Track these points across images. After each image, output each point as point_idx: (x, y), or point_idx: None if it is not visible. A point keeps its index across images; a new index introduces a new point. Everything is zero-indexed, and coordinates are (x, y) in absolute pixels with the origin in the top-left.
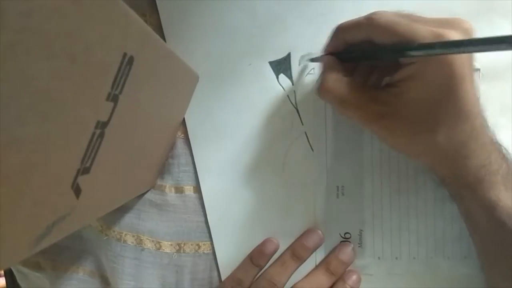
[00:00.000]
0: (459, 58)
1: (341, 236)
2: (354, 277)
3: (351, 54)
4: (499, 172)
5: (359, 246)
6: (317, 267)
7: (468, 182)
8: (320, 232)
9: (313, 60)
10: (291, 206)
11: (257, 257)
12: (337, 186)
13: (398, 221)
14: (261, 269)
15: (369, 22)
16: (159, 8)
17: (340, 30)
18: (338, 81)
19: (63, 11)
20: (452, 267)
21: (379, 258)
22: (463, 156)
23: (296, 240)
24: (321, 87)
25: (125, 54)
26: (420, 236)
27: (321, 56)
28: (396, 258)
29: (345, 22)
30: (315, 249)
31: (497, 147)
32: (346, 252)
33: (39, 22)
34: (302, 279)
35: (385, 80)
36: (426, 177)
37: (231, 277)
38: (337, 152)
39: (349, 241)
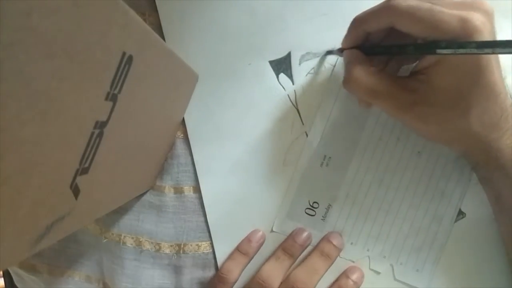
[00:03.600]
0: (485, 35)
1: (309, 204)
2: (357, 273)
3: (375, 50)
4: None
5: (321, 219)
6: (310, 253)
7: (502, 163)
8: (308, 232)
9: (330, 52)
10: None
11: (244, 246)
12: (325, 155)
13: (367, 210)
14: (249, 259)
15: (389, 9)
16: (158, 7)
17: (359, 21)
18: (366, 72)
19: (62, 11)
20: (400, 274)
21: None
22: (496, 138)
23: (285, 239)
24: (348, 80)
25: (124, 53)
26: (382, 232)
27: (344, 50)
28: (352, 243)
29: (362, 13)
30: (304, 246)
31: None
32: (337, 238)
33: (39, 22)
34: (298, 266)
35: (409, 67)
36: (415, 186)
37: (219, 269)
38: (337, 123)
39: (313, 211)
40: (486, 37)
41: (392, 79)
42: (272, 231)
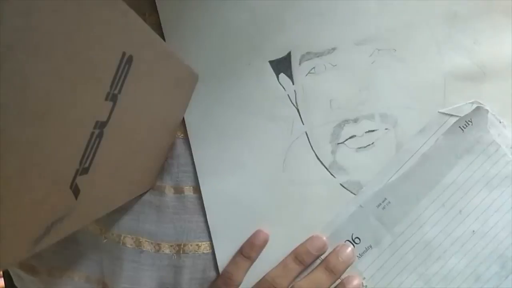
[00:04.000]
0: None
1: (351, 237)
2: (355, 282)
3: None
4: None
5: (358, 256)
6: (316, 266)
7: None
8: (325, 238)
9: None
10: (291, 206)
11: (247, 249)
12: (385, 198)
13: (404, 266)
14: (252, 262)
15: None
16: (158, 7)
17: None
18: None
19: (62, 11)
20: None
21: (364, 278)
22: None
23: (300, 245)
24: None
25: (124, 54)
26: None
27: None
28: None
29: None
30: (318, 255)
31: None
32: (346, 252)
33: (39, 22)
34: (302, 278)
35: None
36: (459, 262)
37: (221, 273)
38: (410, 174)
39: (353, 245)
40: None
41: None
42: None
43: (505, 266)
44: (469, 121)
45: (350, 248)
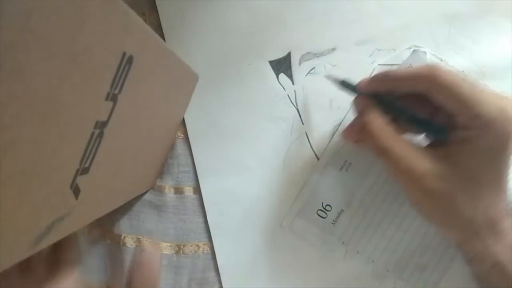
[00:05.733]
0: None
1: (322, 206)
2: None
3: (391, 108)
4: None
5: (332, 223)
6: None
7: (499, 260)
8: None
9: (329, 78)
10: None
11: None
12: (346, 160)
13: (378, 221)
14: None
15: (430, 77)
16: (158, 7)
17: (391, 77)
18: (383, 128)
19: (62, 11)
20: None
21: (343, 243)
22: (495, 233)
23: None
24: (367, 129)
25: (124, 54)
26: (390, 245)
27: (359, 95)
28: (358, 252)
29: (399, 70)
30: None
31: None
32: None
33: (39, 22)
34: None
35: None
36: None
37: None
38: None
39: (325, 213)
40: None
41: (407, 143)
42: (281, 226)
43: None
44: (409, 66)
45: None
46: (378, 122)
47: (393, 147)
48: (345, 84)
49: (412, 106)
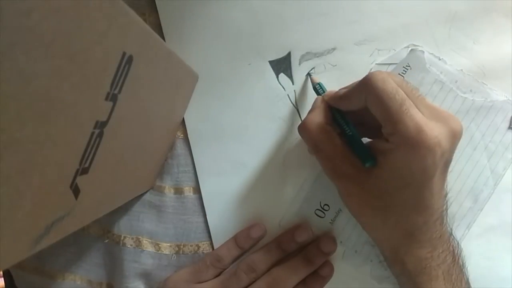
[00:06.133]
0: (431, 159)
1: (320, 205)
2: (327, 268)
3: (337, 118)
4: (440, 267)
5: (329, 222)
6: (296, 255)
7: (408, 270)
8: (311, 229)
9: (309, 74)
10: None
11: (242, 239)
12: None
13: None
14: (244, 252)
15: (367, 85)
16: (158, 8)
17: (343, 96)
18: (319, 127)
19: (62, 11)
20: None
21: (341, 242)
22: (407, 245)
23: (285, 232)
24: (301, 125)
25: (124, 54)
26: None
27: (317, 96)
28: (356, 251)
29: (349, 87)
30: (302, 244)
31: (446, 241)
32: (327, 243)
33: (39, 22)
34: (281, 265)
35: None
36: None
37: (212, 253)
38: None
39: (323, 213)
40: (435, 156)
41: (340, 145)
42: (279, 225)
43: (478, 199)
44: (407, 66)
45: (332, 240)
46: (316, 120)
47: (325, 146)
48: (316, 88)
49: (367, 121)
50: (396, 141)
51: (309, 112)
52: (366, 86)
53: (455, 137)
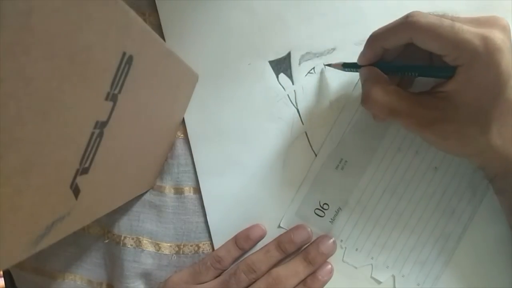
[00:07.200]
0: (505, 58)
1: (319, 204)
2: (328, 267)
3: (392, 68)
4: None
5: (329, 221)
6: (296, 256)
7: None
8: (309, 230)
9: (329, 65)
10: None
11: (241, 240)
12: (341, 159)
13: (376, 218)
14: (243, 253)
15: (408, 25)
16: (158, 7)
17: (376, 38)
18: (384, 91)
19: (62, 11)
20: (400, 286)
21: (341, 241)
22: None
23: (285, 233)
24: (367, 99)
25: (124, 54)
26: (388, 242)
27: (361, 67)
28: (356, 249)
29: (379, 29)
30: (301, 245)
31: None
32: (327, 244)
33: (39, 22)
34: (280, 265)
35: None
36: (427, 201)
37: (212, 254)
38: (358, 128)
39: (323, 212)
40: (506, 55)
41: (411, 96)
42: (279, 226)
43: (476, 192)
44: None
45: (331, 240)
46: (377, 87)
47: (400, 105)
48: (347, 65)
49: (412, 58)
50: (465, 61)
51: (363, 86)
52: (410, 27)
53: (509, 32)
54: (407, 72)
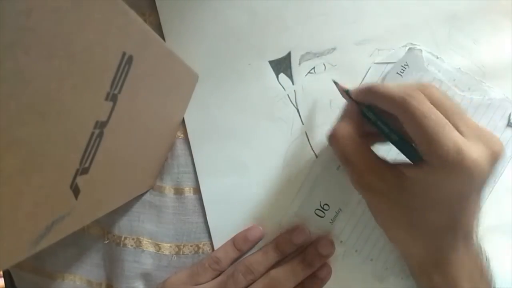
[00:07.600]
0: (474, 177)
1: (320, 205)
2: (326, 270)
3: (373, 122)
4: (468, 285)
5: (330, 222)
6: (294, 257)
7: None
8: (308, 231)
9: (338, 86)
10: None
11: (239, 242)
12: None
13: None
14: (242, 254)
15: (403, 105)
16: (158, 8)
17: (372, 92)
18: (350, 138)
19: (62, 11)
20: (399, 287)
21: (341, 242)
22: (435, 262)
23: (282, 234)
24: (331, 135)
25: (124, 54)
26: (388, 244)
27: (349, 100)
28: (356, 250)
29: (380, 87)
30: (300, 246)
31: (476, 258)
32: (325, 246)
33: (39, 22)
34: (279, 267)
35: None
36: None
37: (210, 255)
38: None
39: (323, 212)
40: (473, 182)
41: (372, 158)
42: (279, 226)
43: None
44: (405, 65)
45: (329, 242)
46: (347, 130)
47: (356, 159)
48: (348, 94)
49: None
50: (432, 161)
51: (339, 120)
52: (403, 105)
53: (495, 159)
54: (382, 133)
